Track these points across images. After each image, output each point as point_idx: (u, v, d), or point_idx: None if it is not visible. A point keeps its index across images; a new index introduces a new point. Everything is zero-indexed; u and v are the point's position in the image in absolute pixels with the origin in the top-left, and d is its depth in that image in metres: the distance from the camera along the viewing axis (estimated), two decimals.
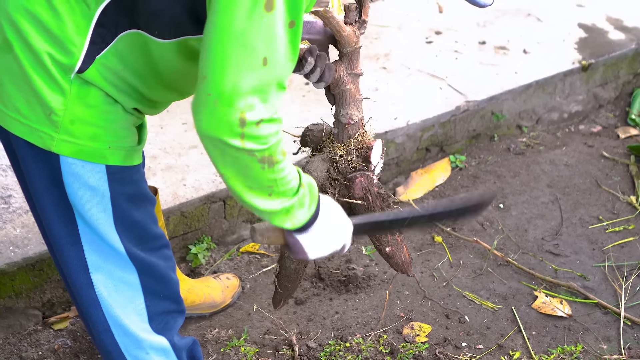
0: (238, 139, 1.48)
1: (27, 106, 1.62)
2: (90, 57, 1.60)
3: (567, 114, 3.97)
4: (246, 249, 3.06)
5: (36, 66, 1.59)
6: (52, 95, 1.60)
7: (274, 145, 1.53)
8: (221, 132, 1.48)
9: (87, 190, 1.68)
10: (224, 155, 1.52)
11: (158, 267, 1.84)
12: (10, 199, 2.81)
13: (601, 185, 3.49)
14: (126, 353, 1.88)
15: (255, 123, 1.48)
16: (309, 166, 2.09)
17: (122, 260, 1.78)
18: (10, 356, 2.60)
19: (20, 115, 1.64)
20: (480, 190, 3.45)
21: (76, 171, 1.67)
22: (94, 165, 1.67)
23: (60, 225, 1.74)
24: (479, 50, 3.97)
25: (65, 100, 1.61)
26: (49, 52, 1.58)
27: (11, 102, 1.64)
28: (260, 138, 1.50)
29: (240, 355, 2.62)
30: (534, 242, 3.16)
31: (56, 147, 1.64)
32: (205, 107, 1.48)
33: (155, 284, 1.85)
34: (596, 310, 2.85)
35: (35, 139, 1.64)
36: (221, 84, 1.46)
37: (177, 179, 2.99)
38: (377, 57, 3.88)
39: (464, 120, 3.61)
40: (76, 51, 1.58)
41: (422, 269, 3.02)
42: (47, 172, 1.68)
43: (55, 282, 2.69)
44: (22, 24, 1.57)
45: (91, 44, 1.59)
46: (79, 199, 1.69)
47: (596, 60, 3.93)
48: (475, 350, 2.68)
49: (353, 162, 2.07)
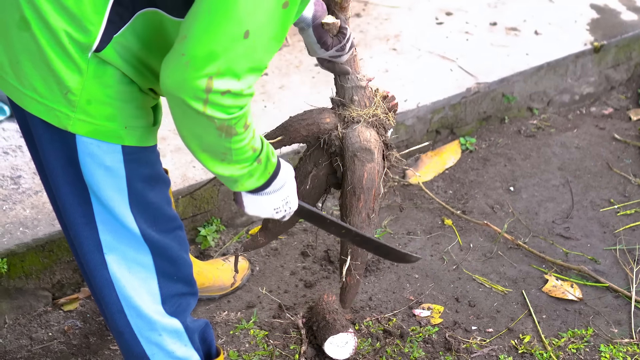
0: (200, 104, 1.49)
1: (44, 85, 1.61)
2: (108, 36, 1.58)
3: (579, 95, 3.94)
4: (255, 232, 3.04)
5: (53, 44, 1.57)
6: (69, 74, 1.59)
7: (235, 117, 1.54)
8: (185, 94, 1.49)
9: (103, 170, 1.68)
10: (185, 115, 1.54)
11: (172, 249, 1.84)
12: (19, 180, 2.80)
13: (612, 168, 3.47)
14: (139, 335, 1.88)
15: (221, 92, 1.49)
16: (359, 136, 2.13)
17: (136, 241, 1.77)
18: (21, 337, 2.61)
19: (37, 94, 1.62)
20: (490, 172, 3.43)
21: (92, 151, 1.66)
22: (110, 145, 1.66)
23: (75, 205, 1.73)
24: (489, 32, 3.94)
25: (82, 79, 1.60)
26: (66, 30, 1.56)
27: (28, 80, 1.62)
28: (222, 108, 1.51)
29: (250, 337, 2.62)
30: (545, 225, 3.15)
31: (72, 126, 1.63)
32: (176, 67, 1.48)
33: (169, 266, 1.84)
34: (607, 293, 2.83)
35: (52, 118, 1.63)
36: (197, 47, 1.46)
37: (187, 160, 2.98)
38: (387, 38, 3.84)
39: (475, 102, 3.58)
40: (94, 30, 1.57)
41: (431, 252, 3.01)
42: (63, 152, 1.67)
43: (65, 263, 2.69)
44: (39, 1, 1.55)
45: (109, 22, 1.57)
46: (94, 179, 1.68)
47: (608, 42, 3.89)
48: (485, 333, 2.67)
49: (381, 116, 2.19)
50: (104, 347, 2.58)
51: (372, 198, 2.18)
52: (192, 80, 1.47)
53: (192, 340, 1.95)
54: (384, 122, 2.20)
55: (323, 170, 2.24)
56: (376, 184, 2.18)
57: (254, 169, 1.71)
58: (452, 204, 3.25)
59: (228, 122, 1.54)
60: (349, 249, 2.24)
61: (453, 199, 3.28)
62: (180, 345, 1.93)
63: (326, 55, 2.05)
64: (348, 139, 2.15)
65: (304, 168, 2.26)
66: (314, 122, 2.18)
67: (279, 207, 1.85)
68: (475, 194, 3.31)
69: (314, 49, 2.03)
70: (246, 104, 1.55)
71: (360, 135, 2.15)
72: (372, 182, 2.16)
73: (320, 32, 1.99)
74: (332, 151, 2.20)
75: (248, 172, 1.70)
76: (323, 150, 2.21)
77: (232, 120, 1.54)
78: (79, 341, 2.60)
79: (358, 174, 2.15)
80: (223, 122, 1.53)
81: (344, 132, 2.16)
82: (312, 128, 2.18)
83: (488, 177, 3.41)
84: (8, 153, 2.91)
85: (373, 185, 2.17)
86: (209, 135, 1.57)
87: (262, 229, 2.38)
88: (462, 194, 3.31)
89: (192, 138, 1.60)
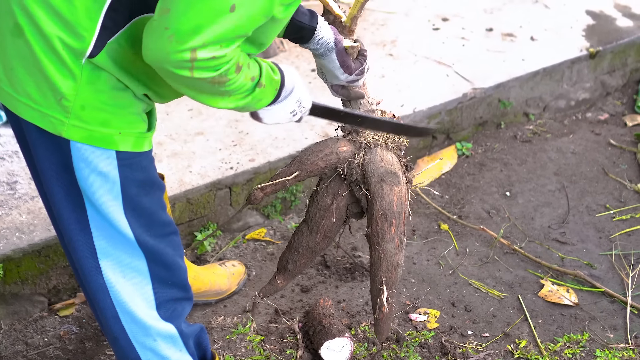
0: (187, 71, 1.51)
1: (38, 91, 1.61)
2: (102, 42, 1.58)
3: (574, 101, 3.95)
4: (252, 236, 3.05)
5: (47, 51, 1.57)
6: (62, 81, 1.59)
7: (224, 70, 1.56)
8: (169, 65, 1.50)
9: (97, 176, 1.68)
10: (173, 79, 1.56)
11: (166, 254, 1.84)
12: (16, 185, 2.80)
13: (608, 174, 3.48)
14: (134, 340, 1.88)
15: (206, 59, 1.50)
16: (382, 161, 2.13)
17: (130, 246, 1.77)
18: (16, 342, 2.60)
19: (31, 101, 1.63)
20: (487, 177, 3.44)
21: (86, 157, 1.66)
22: (104, 151, 1.66)
23: (69, 210, 1.73)
24: (486, 37, 3.95)
25: (76, 85, 1.60)
26: (59, 36, 1.57)
27: (22, 87, 1.62)
28: (210, 69, 1.53)
29: (246, 342, 2.62)
30: (541, 230, 3.15)
31: (67, 132, 1.63)
32: (159, 40, 1.48)
33: (164, 271, 1.84)
34: (603, 298, 2.84)
35: (46, 124, 1.63)
36: (182, 21, 1.46)
37: (183, 165, 2.98)
38: (384, 43, 3.85)
39: (471, 107, 3.59)
40: (87, 35, 1.57)
41: (428, 257, 3.01)
42: (58, 158, 1.67)
43: (61, 268, 2.69)
44: (32, 8, 1.55)
45: (102, 28, 1.57)
46: (88, 184, 1.69)
47: (604, 48, 3.90)
48: (481, 338, 2.67)
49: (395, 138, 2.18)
50: (100, 353, 2.58)
51: (403, 222, 2.15)
52: (176, 53, 1.48)
53: (187, 345, 1.95)
54: (399, 143, 2.18)
55: (343, 201, 2.19)
56: (405, 207, 2.14)
57: (258, 94, 1.73)
58: (448, 209, 3.25)
59: (218, 76, 1.56)
60: (383, 278, 2.18)
61: (449, 204, 3.29)
62: (175, 350, 1.93)
63: (346, 81, 2.04)
64: (370, 165, 2.11)
65: (323, 202, 2.20)
66: (331, 151, 2.13)
67: (294, 109, 1.88)
68: (472, 199, 3.32)
69: (335, 74, 2.01)
70: (232, 58, 1.56)
71: (383, 160, 2.11)
72: (401, 206, 2.12)
73: (343, 56, 1.97)
74: (352, 180, 2.15)
75: (252, 98, 1.72)
76: (342, 180, 2.16)
77: (221, 73, 1.56)
78: (74, 346, 2.60)
79: (388, 199, 2.10)
80: (214, 78, 1.55)
81: (365, 158, 2.12)
82: (330, 158, 2.13)
83: (484, 182, 3.42)
84: (4, 158, 2.91)
85: (403, 208, 2.13)
86: (203, 88, 1.60)
87: (281, 271, 2.32)
88: (459, 198, 3.32)
89: (186, 90, 1.62)
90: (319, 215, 2.20)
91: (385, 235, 2.13)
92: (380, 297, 2.18)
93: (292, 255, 2.27)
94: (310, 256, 2.27)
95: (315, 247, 2.25)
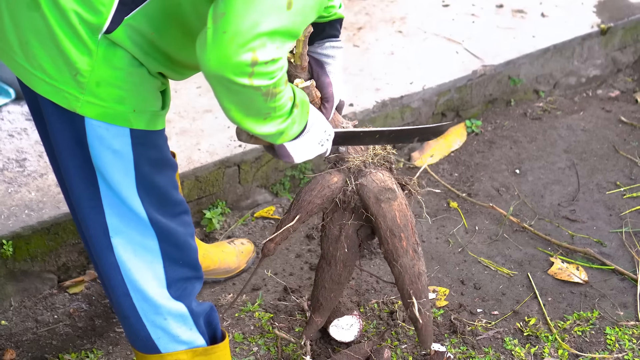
0: (246, 78, 1.48)
1: (53, 66, 1.60)
2: (119, 18, 1.56)
3: (585, 78, 3.92)
4: (260, 214, 3.05)
5: (63, 25, 1.56)
6: (78, 56, 1.58)
7: (279, 79, 1.54)
8: (231, 72, 1.47)
9: (111, 154, 1.67)
10: (230, 91, 1.53)
11: (178, 233, 1.83)
12: (25, 162, 2.80)
13: (619, 151, 3.45)
14: (144, 318, 1.88)
15: (265, 62, 1.48)
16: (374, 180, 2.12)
17: (142, 225, 1.77)
18: (26, 319, 2.61)
19: (46, 75, 1.61)
20: (496, 155, 3.42)
21: (100, 134, 1.65)
22: (118, 129, 1.65)
23: (83, 187, 1.72)
24: (496, 14, 3.91)
25: (92, 61, 1.59)
26: (76, 10, 1.55)
27: (37, 61, 1.61)
28: (268, 74, 1.51)
29: (255, 320, 2.62)
30: (550, 208, 3.14)
31: (81, 108, 1.62)
32: (219, 46, 1.45)
33: (175, 250, 1.84)
34: (613, 276, 2.83)
35: (61, 100, 1.62)
36: (239, 22, 1.43)
37: (192, 143, 2.97)
38: (393, 20, 3.82)
39: (481, 84, 3.56)
40: (104, 11, 1.55)
41: (437, 234, 3.00)
42: (72, 134, 1.66)
43: (70, 245, 2.69)
44: None
45: (120, 4, 1.56)
46: (102, 161, 1.68)
47: (615, 24, 3.86)
48: (490, 316, 2.67)
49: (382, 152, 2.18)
50: (110, 330, 2.59)
51: (412, 232, 2.16)
52: (237, 55, 1.45)
53: (197, 324, 1.95)
54: (386, 156, 2.18)
55: (351, 229, 2.20)
56: (409, 217, 2.15)
57: (295, 116, 1.71)
58: (457, 187, 3.24)
59: (273, 85, 1.54)
60: (410, 290, 2.19)
61: (459, 182, 3.28)
62: (185, 329, 1.93)
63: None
64: (364, 187, 2.11)
65: (332, 234, 2.22)
66: (322, 187, 2.15)
67: (322, 139, 1.87)
68: (481, 176, 3.30)
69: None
70: (286, 63, 1.55)
71: (374, 179, 2.12)
72: (405, 218, 2.14)
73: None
74: (352, 206, 2.16)
75: (291, 121, 1.71)
76: (342, 209, 2.18)
77: (277, 83, 1.54)
78: (84, 324, 2.61)
79: (390, 215, 2.11)
80: (269, 88, 1.54)
81: (357, 183, 2.13)
82: (324, 193, 2.15)
83: (494, 160, 3.40)
84: (13, 136, 2.90)
85: (408, 219, 2.14)
86: (255, 103, 1.56)
87: (315, 309, 2.35)
88: (468, 176, 3.30)
89: (237, 109, 1.58)
90: (332, 248, 2.23)
91: (398, 251, 2.16)
92: (411, 309, 2.21)
93: (320, 292, 2.31)
94: (337, 288, 2.30)
95: (339, 278, 2.28)
